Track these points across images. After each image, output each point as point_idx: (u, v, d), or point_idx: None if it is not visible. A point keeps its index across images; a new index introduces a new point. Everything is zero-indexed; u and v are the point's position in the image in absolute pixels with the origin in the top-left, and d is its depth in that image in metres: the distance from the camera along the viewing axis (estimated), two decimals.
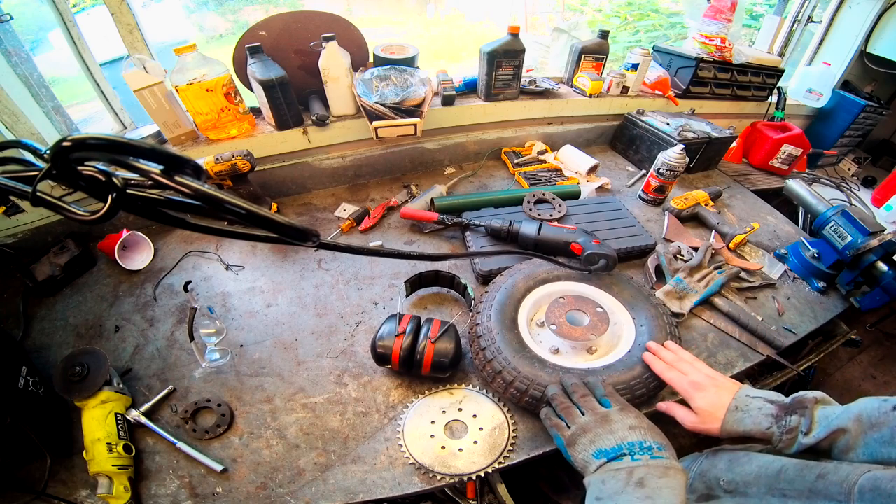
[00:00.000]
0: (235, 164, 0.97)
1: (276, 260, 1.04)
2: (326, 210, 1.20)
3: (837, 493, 0.41)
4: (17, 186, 0.28)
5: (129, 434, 0.68)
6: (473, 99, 1.35)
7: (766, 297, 1.01)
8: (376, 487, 0.65)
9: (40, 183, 0.25)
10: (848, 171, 1.83)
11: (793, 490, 0.46)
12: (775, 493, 0.48)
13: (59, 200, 0.27)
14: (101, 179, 0.26)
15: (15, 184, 0.28)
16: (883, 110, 1.71)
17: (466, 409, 0.72)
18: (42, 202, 0.26)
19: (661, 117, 1.43)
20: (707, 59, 1.48)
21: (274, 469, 0.67)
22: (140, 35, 1.01)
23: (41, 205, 0.26)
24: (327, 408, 0.74)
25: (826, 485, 0.43)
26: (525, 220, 1.02)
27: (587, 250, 0.88)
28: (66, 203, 0.27)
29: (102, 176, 0.26)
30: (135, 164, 0.26)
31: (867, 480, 0.39)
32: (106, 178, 0.26)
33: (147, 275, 0.99)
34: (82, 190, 0.27)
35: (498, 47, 1.21)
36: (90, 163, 0.26)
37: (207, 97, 1.01)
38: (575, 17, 2.02)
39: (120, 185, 0.26)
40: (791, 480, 0.47)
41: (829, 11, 1.68)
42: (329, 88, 1.13)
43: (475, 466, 0.65)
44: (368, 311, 0.91)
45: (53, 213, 0.35)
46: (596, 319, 0.77)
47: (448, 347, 0.73)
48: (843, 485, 0.41)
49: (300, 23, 1.09)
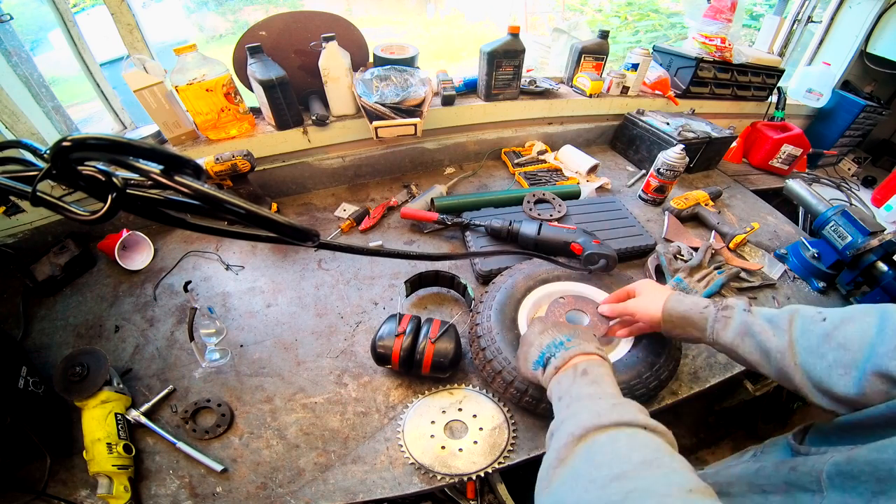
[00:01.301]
0: (235, 164, 0.97)
1: (276, 260, 1.04)
2: (326, 210, 1.20)
3: (809, 482, 0.44)
4: (17, 186, 0.28)
5: (129, 434, 0.68)
6: (473, 99, 1.35)
7: (766, 297, 1.01)
8: (376, 487, 0.65)
9: (40, 183, 0.25)
10: (848, 171, 1.83)
11: (770, 485, 0.49)
12: (755, 489, 0.50)
13: (59, 200, 0.27)
14: (100, 179, 0.26)
15: (15, 184, 0.28)
16: (883, 110, 1.71)
17: (466, 409, 0.72)
18: (42, 202, 0.26)
19: (661, 117, 1.43)
20: (707, 59, 1.48)
21: (274, 469, 0.67)
22: (140, 35, 1.01)
23: (41, 205, 0.26)
24: (327, 408, 0.74)
25: (798, 476, 0.45)
26: (525, 220, 1.02)
27: (587, 250, 0.88)
28: (66, 203, 0.27)
29: (102, 176, 0.26)
30: (135, 164, 0.26)
31: (832, 467, 0.42)
32: (106, 178, 0.26)
33: (147, 275, 0.99)
34: (82, 190, 0.26)
35: (498, 47, 1.21)
36: (90, 163, 0.26)
37: (207, 97, 1.01)
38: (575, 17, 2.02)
39: (120, 185, 0.26)
40: (768, 476, 0.50)
41: (829, 11, 1.68)
42: (329, 88, 1.13)
43: (475, 466, 0.65)
44: (368, 311, 0.91)
45: (54, 213, 0.35)
46: (596, 319, 0.77)
47: (448, 347, 0.73)
48: (811, 474, 0.44)
49: (300, 23, 1.09)
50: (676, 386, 0.81)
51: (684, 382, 0.81)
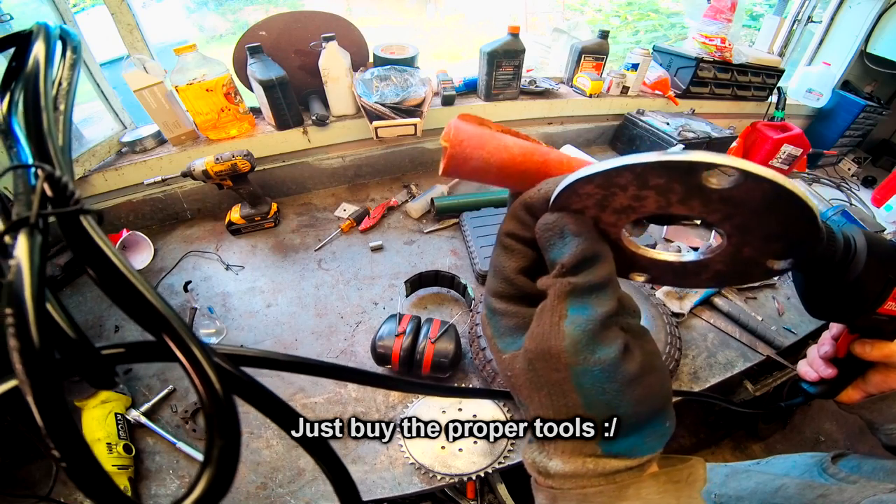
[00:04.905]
0: (235, 164, 0.97)
1: (276, 260, 1.04)
2: (326, 210, 1.20)
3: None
4: None
5: (129, 434, 0.68)
6: (473, 99, 1.35)
7: (766, 297, 1.01)
8: (376, 487, 0.65)
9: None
10: (848, 171, 1.83)
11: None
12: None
13: None
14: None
15: None
16: (883, 110, 1.71)
17: (466, 408, 0.72)
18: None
19: (661, 117, 1.43)
20: (707, 59, 1.48)
21: (274, 469, 0.67)
22: (140, 35, 1.01)
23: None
24: (327, 408, 0.74)
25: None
26: None
27: None
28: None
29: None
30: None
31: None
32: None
33: (147, 275, 0.99)
34: None
35: (498, 47, 1.21)
36: None
37: (207, 97, 1.01)
38: (575, 17, 2.02)
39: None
40: (789, 498, 0.46)
41: (829, 11, 1.68)
42: (329, 88, 1.13)
43: (475, 466, 0.65)
44: (368, 311, 0.91)
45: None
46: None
47: (448, 347, 0.73)
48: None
49: (300, 23, 1.09)
50: (676, 386, 0.81)
51: (684, 382, 0.81)
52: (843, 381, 0.42)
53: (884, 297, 0.29)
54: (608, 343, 0.21)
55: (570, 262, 0.21)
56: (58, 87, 0.19)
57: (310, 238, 1.10)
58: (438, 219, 1.16)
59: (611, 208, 0.21)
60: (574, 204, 0.21)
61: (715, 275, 0.24)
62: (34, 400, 0.13)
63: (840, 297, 0.30)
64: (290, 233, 1.12)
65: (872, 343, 0.37)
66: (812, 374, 0.43)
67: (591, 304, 0.21)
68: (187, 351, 0.16)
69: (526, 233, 0.24)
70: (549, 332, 0.21)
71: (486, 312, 0.25)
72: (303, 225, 1.15)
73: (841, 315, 0.33)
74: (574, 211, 0.22)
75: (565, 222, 0.21)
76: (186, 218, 1.17)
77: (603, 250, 0.22)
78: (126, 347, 0.18)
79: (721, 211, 0.19)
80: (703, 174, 0.18)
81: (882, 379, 0.39)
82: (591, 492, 0.22)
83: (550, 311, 0.21)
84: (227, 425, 0.16)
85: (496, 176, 0.24)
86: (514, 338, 0.23)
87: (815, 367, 0.43)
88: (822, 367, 0.42)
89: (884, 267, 0.28)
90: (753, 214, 0.19)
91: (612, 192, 0.20)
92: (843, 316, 0.34)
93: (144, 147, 1.09)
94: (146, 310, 0.16)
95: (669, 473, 0.23)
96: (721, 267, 0.23)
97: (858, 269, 0.28)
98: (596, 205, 0.21)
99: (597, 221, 0.22)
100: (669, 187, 0.19)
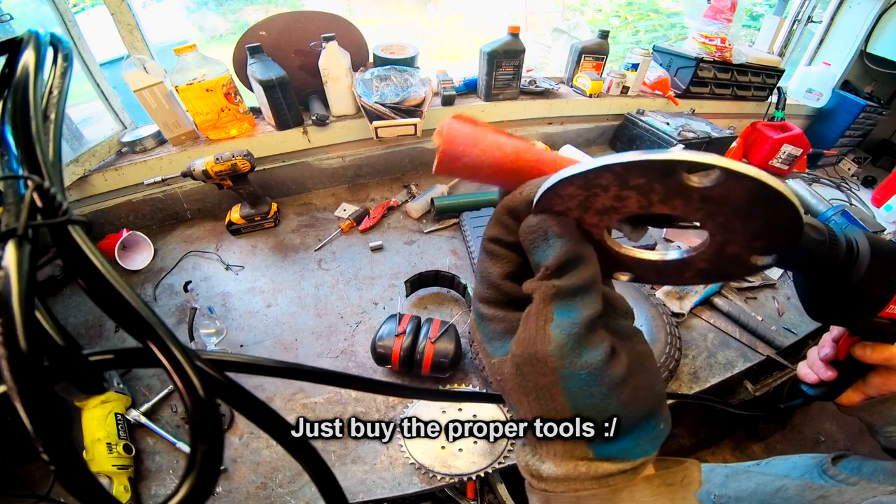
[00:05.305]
0: (235, 164, 0.97)
1: (276, 260, 1.04)
2: (326, 210, 1.20)
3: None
4: None
5: (129, 434, 0.68)
6: (473, 99, 1.35)
7: (766, 297, 1.01)
8: (376, 487, 0.65)
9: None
10: (848, 171, 1.83)
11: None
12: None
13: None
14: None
15: None
16: (883, 110, 1.71)
17: (466, 409, 0.72)
18: None
19: (661, 117, 1.43)
20: (707, 59, 1.48)
21: (274, 469, 0.67)
22: (140, 35, 1.01)
23: None
24: (327, 408, 0.74)
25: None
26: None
27: None
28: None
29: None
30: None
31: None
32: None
33: (147, 275, 0.99)
34: None
35: (498, 47, 1.21)
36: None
37: (207, 97, 1.01)
38: (575, 17, 2.02)
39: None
40: (789, 499, 0.46)
41: (829, 11, 1.68)
42: (329, 88, 1.13)
43: (475, 466, 0.65)
44: (368, 311, 0.91)
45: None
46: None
47: (448, 347, 0.73)
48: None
49: (300, 23, 1.09)
50: (676, 386, 0.81)
51: (684, 382, 0.81)
52: (843, 383, 0.42)
53: (886, 301, 0.29)
54: (594, 346, 0.20)
55: (554, 264, 0.21)
56: (48, 96, 0.19)
57: (310, 238, 1.10)
58: (438, 219, 1.16)
59: (593, 209, 0.21)
60: (557, 206, 0.21)
61: (698, 272, 0.24)
62: (22, 405, 0.13)
63: (842, 300, 0.30)
64: (290, 233, 1.12)
65: (873, 346, 0.37)
66: (812, 376, 0.43)
67: (577, 306, 0.21)
68: (171, 356, 0.16)
69: (510, 237, 0.24)
70: (535, 337, 0.21)
71: (475, 318, 0.25)
72: (303, 225, 1.15)
73: (843, 318, 0.33)
74: (557, 213, 0.22)
75: (548, 224, 0.21)
76: (186, 218, 1.17)
77: (586, 252, 0.22)
78: (114, 354, 0.18)
79: (703, 210, 0.19)
80: (683, 173, 0.18)
81: (882, 382, 0.39)
82: (584, 495, 0.22)
83: (536, 316, 0.21)
84: (209, 430, 0.17)
85: (489, 174, 0.24)
86: (503, 342, 0.23)
87: (815, 369, 0.43)
88: (822, 370, 0.42)
89: (887, 270, 0.28)
90: (736, 212, 0.19)
91: (594, 193, 0.20)
92: (844, 319, 0.34)
93: (144, 147, 1.09)
94: (131, 317, 0.16)
95: (664, 476, 0.23)
96: (704, 265, 0.23)
97: (861, 272, 0.28)
98: (579, 206, 0.21)
99: (580, 222, 0.22)
100: (650, 187, 0.19)
